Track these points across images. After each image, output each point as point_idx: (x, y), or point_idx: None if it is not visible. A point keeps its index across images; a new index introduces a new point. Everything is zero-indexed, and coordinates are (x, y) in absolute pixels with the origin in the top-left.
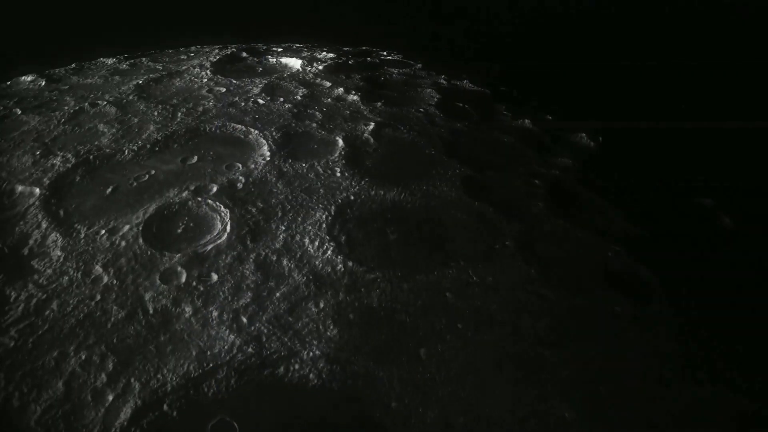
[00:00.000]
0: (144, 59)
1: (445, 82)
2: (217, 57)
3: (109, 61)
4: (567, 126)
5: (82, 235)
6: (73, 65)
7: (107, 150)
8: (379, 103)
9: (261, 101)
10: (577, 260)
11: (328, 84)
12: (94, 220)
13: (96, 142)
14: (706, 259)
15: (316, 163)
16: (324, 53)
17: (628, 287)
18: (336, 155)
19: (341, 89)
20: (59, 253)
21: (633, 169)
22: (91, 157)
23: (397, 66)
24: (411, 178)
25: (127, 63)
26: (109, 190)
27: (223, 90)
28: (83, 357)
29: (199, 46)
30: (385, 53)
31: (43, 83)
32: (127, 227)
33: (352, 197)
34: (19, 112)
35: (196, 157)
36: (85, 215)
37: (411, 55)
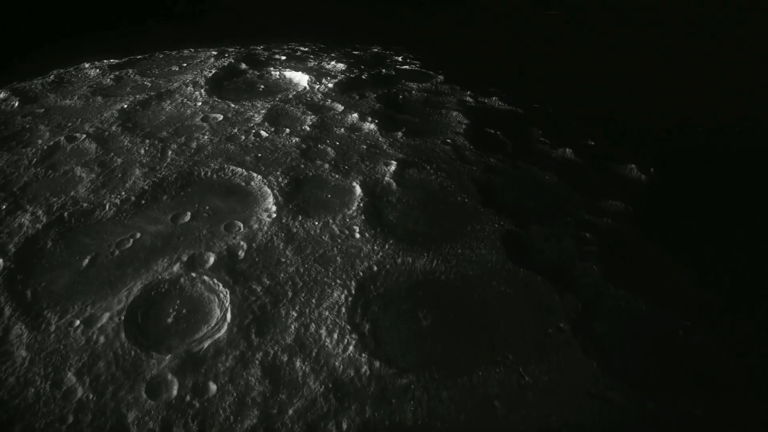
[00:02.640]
0: (131, 71)
1: (471, 100)
2: (213, 70)
3: (93, 72)
4: (612, 153)
5: (53, 328)
6: (52, 76)
7: (85, 204)
8: (400, 133)
9: (264, 133)
10: (645, 345)
11: (340, 108)
12: (68, 306)
13: (72, 193)
14: None
15: (330, 221)
16: (333, 63)
17: (709, 380)
18: (354, 208)
19: (355, 115)
20: (24, 354)
21: (694, 207)
22: (66, 214)
23: (416, 78)
24: (443, 238)
25: (112, 76)
26: (86, 261)
27: (220, 118)
28: None
29: (192, 50)
30: (400, 59)
31: (17, 104)
32: (106, 316)
33: (376, 268)
34: None
35: (189, 214)
36: (57, 298)
37: (428, 59)
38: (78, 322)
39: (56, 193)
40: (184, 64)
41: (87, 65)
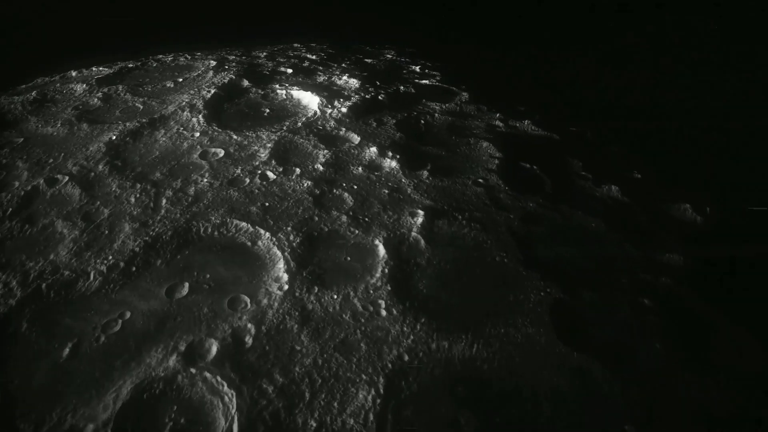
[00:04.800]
0: (120, 88)
1: (501, 125)
2: (212, 90)
3: (79, 87)
4: (661, 188)
5: None
6: (34, 93)
7: (66, 272)
8: (425, 172)
9: (271, 174)
10: None
11: (356, 139)
12: (44, 413)
13: (52, 256)
14: None
15: (351, 293)
16: (345, 77)
17: None
18: (377, 275)
19: (374, 149)
20: None
21: (761, 256)
22: (44, 285)
23: (438, 97)
24: (482, 313)
25: (100, 94)
26: (67, 350)
27: (221, 154)
28: None
29: (189, 57)
30: (417, 69)
31: None
32: (90, 429)
33: (407, 356)
34: None
35: (186, 286)
36: (32, 401)
37: (447, 69)
38: None
39: (33, 256)
40: (180, 79)
41: (74, 73)
